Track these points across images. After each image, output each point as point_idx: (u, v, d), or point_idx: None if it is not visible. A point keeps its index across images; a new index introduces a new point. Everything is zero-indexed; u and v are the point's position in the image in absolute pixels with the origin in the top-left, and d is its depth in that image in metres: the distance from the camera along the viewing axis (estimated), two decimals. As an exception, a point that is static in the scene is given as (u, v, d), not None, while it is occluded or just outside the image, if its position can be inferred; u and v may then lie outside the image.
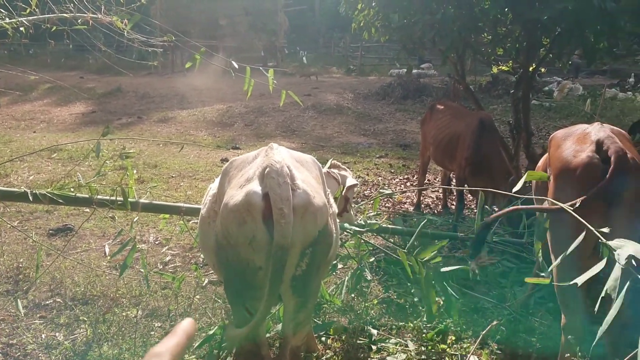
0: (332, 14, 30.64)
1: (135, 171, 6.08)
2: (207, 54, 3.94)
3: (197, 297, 4.00)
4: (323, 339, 3.42)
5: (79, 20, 4.33)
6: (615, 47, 6.31)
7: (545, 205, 2.89)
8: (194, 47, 3.85)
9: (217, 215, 2.32)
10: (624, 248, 2.14)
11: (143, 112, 14.81)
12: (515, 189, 2.98)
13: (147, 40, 4.93)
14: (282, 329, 2.50)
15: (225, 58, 4.23)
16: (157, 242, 5.30)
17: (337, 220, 2.72)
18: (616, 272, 2.05)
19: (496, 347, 3.14)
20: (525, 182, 2.97)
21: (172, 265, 4.78)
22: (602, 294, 2.07)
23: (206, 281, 4.14)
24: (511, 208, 3.21)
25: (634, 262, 2.04)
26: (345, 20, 7.75)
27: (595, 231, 2.35)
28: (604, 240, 2.28)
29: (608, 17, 5.05)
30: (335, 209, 2.71)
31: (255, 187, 2.14)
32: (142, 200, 3.85)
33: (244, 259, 2.14)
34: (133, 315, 3.67)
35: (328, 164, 4.11)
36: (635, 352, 1.87)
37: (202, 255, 4.81)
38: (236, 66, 4.02)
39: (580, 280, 2.16)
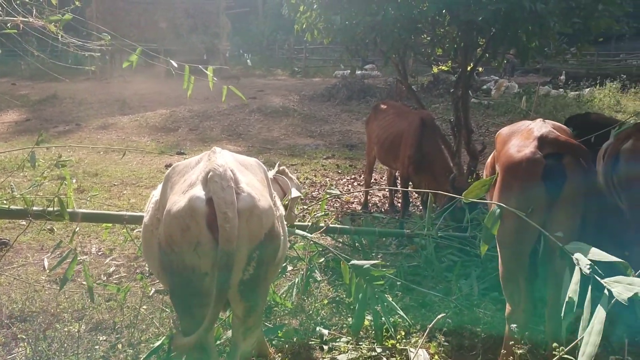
0: (275, 16, 30.57)
1: (74, 180, 5.84)
2: (146, 56, 3.85)
3: (144, 307, 3.89)
4: (274, 342, 3.40)
5: (9, 24, 4.13)
6: (546, 47, 6.63)
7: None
8: (133, 49, 3.74)
9: (160, 223, 2.27)
10: (581, 252, 2.23)
11: (81, 119, 14.25)
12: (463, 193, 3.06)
13: (84, 44, 4.77)
14: (231, 334, 2.47)
15: (165, 59, 4.14)
16: (100, 253, 5.12)
17: (285, 222, 2.72)
18: (576, 277, 2.14)
19: (443, 339, 3.22)
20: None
21: (117, 276, 4.64)
22: (566, 299, 2.15)
23: (153, 290, 4.03)
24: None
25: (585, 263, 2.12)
26: (289, 22, 7.75)
27: (550, 237, 2.46)
28: (561, 244, 2.38)
29: (538, 18, 5.30)
30: (282, 211, 2.71)
31: (198, 192, 2.11)
32: (81, 210, 3.71)
33: (189, 266, 2.10)
34: (76, 330, 3.52)
35: (275, 168, 4.07)
36: (575, 342, 1.97)
37: (147, 265, 4.69)
38: (175, 65, 3.95)
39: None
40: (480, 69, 10.18)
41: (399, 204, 6.57)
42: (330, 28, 6.92)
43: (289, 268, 4.28)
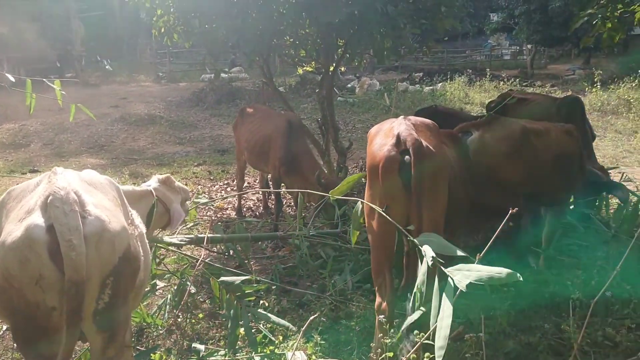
0: (134, 19, 28.99)
1: None
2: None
3: (-6, 348, 3.48)
4: (148, 366, 3.21)
5: None
6: (399, 46, 7.05)
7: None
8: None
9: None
10: (429, 243, 2.36)
11: None
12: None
13: None
14: (92, 367, 2.28)
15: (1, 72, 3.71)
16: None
17: (146, 241, 2.56)
18: (424, 267, 2.26)
19: (320, 338, 3.27)
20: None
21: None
22: (415, 289, 2.26)
23: (4, 329, 3.62)
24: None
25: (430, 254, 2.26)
26: (149, 26, 7.40)
27: (402, 230, 2.58)
28: (411, 237, 2.50)
29: (390, 20, 5.61)
30: (142, 229, 2.54)
31: (37, 219, 1.90)
32: None
33: (32, 302, 1.89)
34: None
35: (154, 180, 3.65)
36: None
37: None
38: (12, 79, 3.57)
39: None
40: (342, 68, 10.58)
41: (273, 206, 6.58)
42: (190, 32, 6.74)
43: (161, 285, 4.07)
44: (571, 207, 5.03)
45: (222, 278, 3.27)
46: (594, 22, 5.45)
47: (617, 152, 9.70)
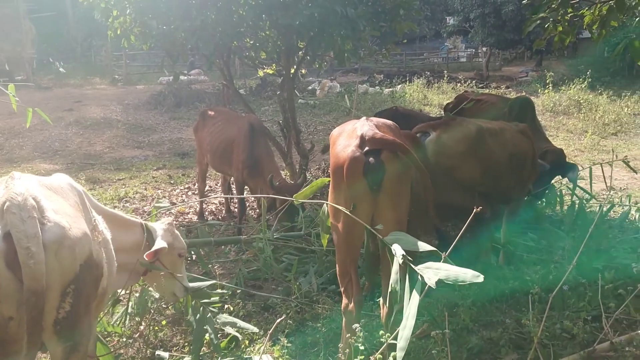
0: (88, 20, 28.20)
1: None
2: None
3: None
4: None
5: None
6: (359, 49, 7.12)
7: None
8: None
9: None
10: (398, 242, 2.38)
11: None
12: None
13: None
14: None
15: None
16: None
17: (111, 247, 2.48)
18: (396, 266, 2.28)
19: (286, 341, 3.26)
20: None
21: None
22: (390, 288, 2.28)
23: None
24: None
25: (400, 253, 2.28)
26: (104, 27, 7.20)
27: (371, 229, 2.60)
28: (380, 236, 2.52)
29: (350, 22, 5.65)
30: (106, 235, 2.46)
31: (-8, 227, 1.83)
32: None
33: (-12, 313, 1.82)
34: None
35: (162, 224, 3.21)
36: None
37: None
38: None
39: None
40: (303, 70, 10.59)
41: (236, 210, 6.53)
42: (147, 33, 6.60)
43: (122, 292, 3.97)
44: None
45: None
46: (546, 26, 5.65)
47: (569, 150, 10.07)
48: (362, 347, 2.61)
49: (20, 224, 1.81)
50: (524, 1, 6.42)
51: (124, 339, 3.49)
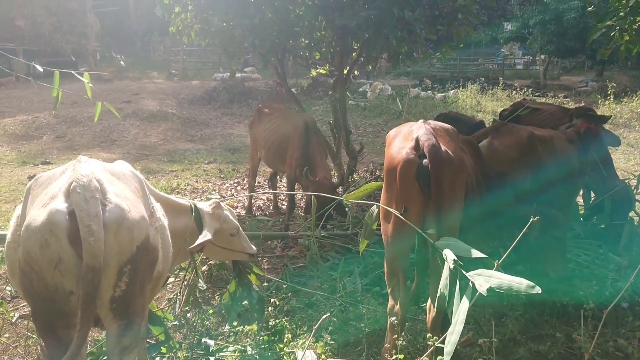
0: (149, 16, 29.19)
1: None
2: (2, 57, 3.46)
3: (6, 335, 3.50)
4: (157, 359, 3.22)
5: None
6: (414, 52, 7.05)
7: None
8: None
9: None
10: (450, 247, 2.34)
11: None
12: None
13: None
14: (107, 355, 2.29)
15: (27, 62, 3.73)
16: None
17: (168, 234, 2.54)
18: (446, 271, 2.24)
19: (329, 338, 3.26)
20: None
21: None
22: (438, 293, 2.25)
23: (16, 316, 3.64)
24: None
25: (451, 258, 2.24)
26: (164, 22, 7.43)
27: (423, 233, 2.57)
28: (432, 240, 2.49)
29: (406, 25, 5.61)
30: (164, 222, 2.53)
31: (59, 204, 1.92)
32: None
33: (51, 285, 1.91)
34: None
35: (208, 203, 3.29)
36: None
37: (8, 287, 4.23)
38: (40, 69, 3.59)
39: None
40: (356, 72, 10.58)
41: (284, 206, 6.59)
42: (207, 30, 6.76)
43: (171, 279, 4.09)
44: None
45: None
46: (612, 34, 5.43)
47: (629, 165, 9.64)
48: (406, 350, 2.58)
49: (84, 203, 1.89)
50: (589, 8, 6.19)
51: (172, 324, 3.59)
